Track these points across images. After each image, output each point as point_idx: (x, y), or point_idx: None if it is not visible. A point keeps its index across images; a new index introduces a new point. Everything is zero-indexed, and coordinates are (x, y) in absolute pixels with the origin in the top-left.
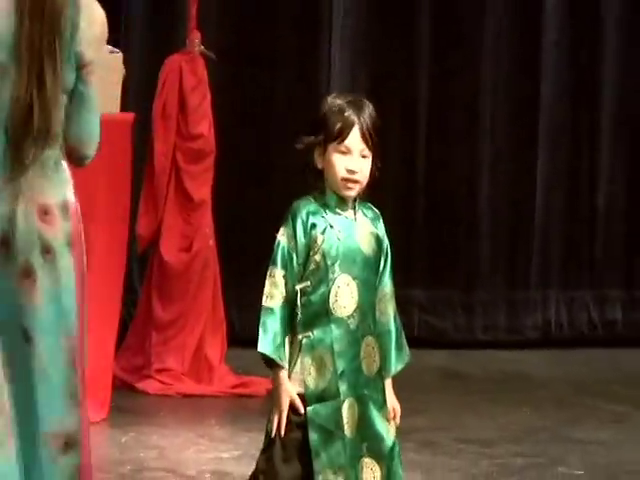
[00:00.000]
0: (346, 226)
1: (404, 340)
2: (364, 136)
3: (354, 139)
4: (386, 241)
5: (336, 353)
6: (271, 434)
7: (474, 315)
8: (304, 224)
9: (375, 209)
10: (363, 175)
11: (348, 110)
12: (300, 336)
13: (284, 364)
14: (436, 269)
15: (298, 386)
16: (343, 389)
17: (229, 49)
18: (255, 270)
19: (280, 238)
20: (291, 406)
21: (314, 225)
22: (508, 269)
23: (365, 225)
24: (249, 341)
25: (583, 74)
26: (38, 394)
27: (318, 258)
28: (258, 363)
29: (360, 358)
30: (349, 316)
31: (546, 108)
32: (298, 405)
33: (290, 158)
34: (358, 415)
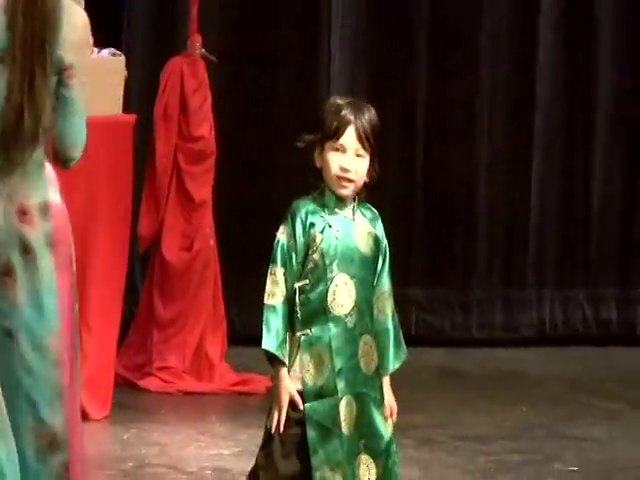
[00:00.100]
0: (345, 226)
1: (402, 338)
2: (359, 136)
3: (349, 137)
4: (384, 241)
5: (334, 351)
6: (270, 430)
7: (471, 314)
8: (303, 223)
9: (374, 209)
10: (358, 175)
11: (345, 110)
12: (299, 333)
13: (286, 361)
14: (434, 268)
15: (297, 383)
16: (341, 387)
17: (230, 49)
18: (255, 269)
19: (280, 236)
20: (290, 403)
21: (313, 224)
22: (504, 268)
23: (363, 225)
24: (249, 339)
25: (578, 74)
26: (23, 393)
27: (317, 257)
28: (258, 361)
29: (358, 356)
30: (347, 314)
31: (542, 108)
32: (297, 402)
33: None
34: (356, 413)
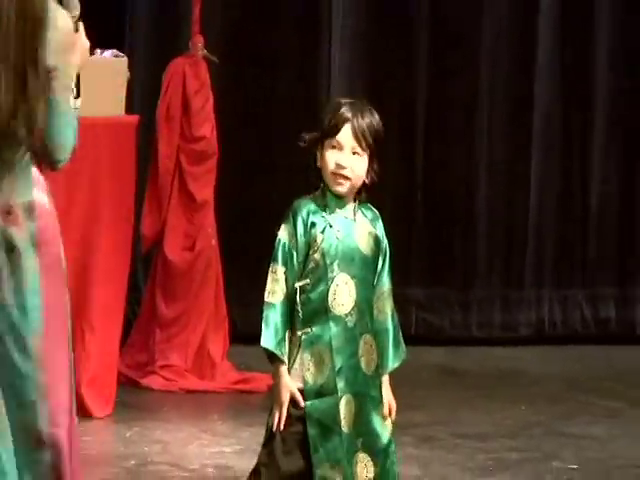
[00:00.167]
0: (345, 226)
1: (401, 338)
2: (356, 134)
3: (345, 135)
4: (385, 241)
5: (334, 350)
6: (272, 428)
7: (470, 313)
8: (304, 222)
9: (375, 210)
10: (354, 173)
11: (344, 108)
12: (300, 332)
13: (285, 359)
14: (433, 268)
15: (298, 381)
16: (341, 385)
17: (230, 50)
18: (257, 269)
19: (281, 235)
20: (291, 400)
21: (314, 224)
22: (503, 268)
23: (364, 225)
24: (251, 338)
25: (577, 74)
26: (9, 392)
27: (317, 257)
28: (259, 360)
29: (358, 355)
30: (347, 314)
31: (541, 108)
32: (298, 399)
33: (291, 158)
34: (355, 411)
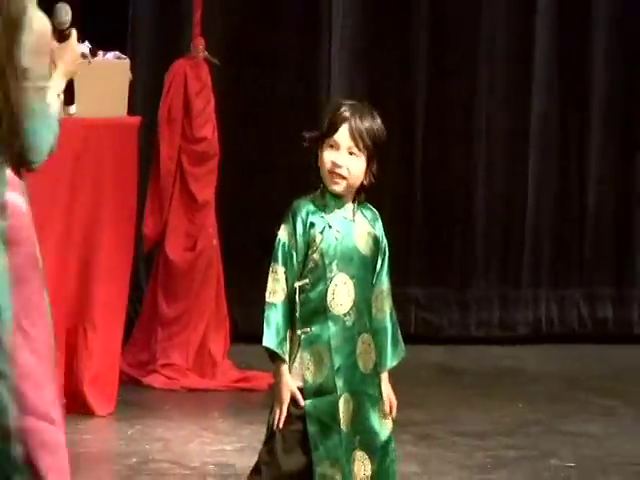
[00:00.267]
0: (344, 226)
1: (400, 336)
2: (353, 134)
3: (342, 135)
4: (384, 241)
5: (333, 349)
6: (272, 426)
7: (469, 312)
8: (304, 222)
9: (374, 210)
10: (350, 173)
11: (343, 108)
12: (299, 332)
13: (286, 358)
14: (432, 267)
15: (298, 380)
16: (339, 384)
17: (230, 50)
18: (257, 268)
19: (281, 235)
20: (292, 399)
21: (313, 224)
22: (501, 267)
23: (363, 225)
24: (251, 337)
25: (574, 75)
26: None
27: (316, 257)
28: (260, 358)
29: (356, 355)
30: (345, 314)
31: (538, 109)
32: (298, 398)
33: (291, 158)
34: (353, 410)
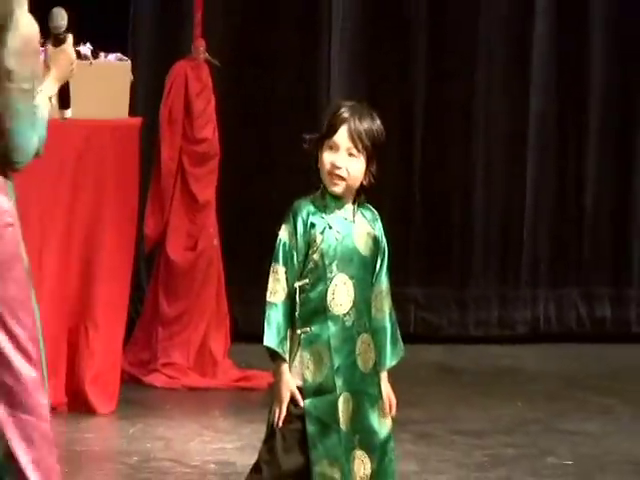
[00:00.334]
0: (344, 227)
1: (399, 336)
2: (352, 136)
3: (342, 136)
4: (384, 241)
5: (332, 349)
6: (272, 425)
7: (467, 311)
8: (304, 223)
9: (374, 210)
10: (349, 174)
11: (342, 109)
12: (299, 331)
13: (287, 357)
14: (431, 267)
15: (298, 379)
16: (339, 384)
17: (230, 50)
18: (257, 268)
19: (282, 235)
20: (291, 398)
21: (313, 225)
22: (500, 267)
23: (363, 226)
24: (252, 336)
25: (571, 76)
26: None
27: (317, 257)
28: (260, 357)
29: (355, 354)
30: (345, 314)
31: (536, 110)
32: (298, 397)
33: (291, 158)
34: (352, 409)
